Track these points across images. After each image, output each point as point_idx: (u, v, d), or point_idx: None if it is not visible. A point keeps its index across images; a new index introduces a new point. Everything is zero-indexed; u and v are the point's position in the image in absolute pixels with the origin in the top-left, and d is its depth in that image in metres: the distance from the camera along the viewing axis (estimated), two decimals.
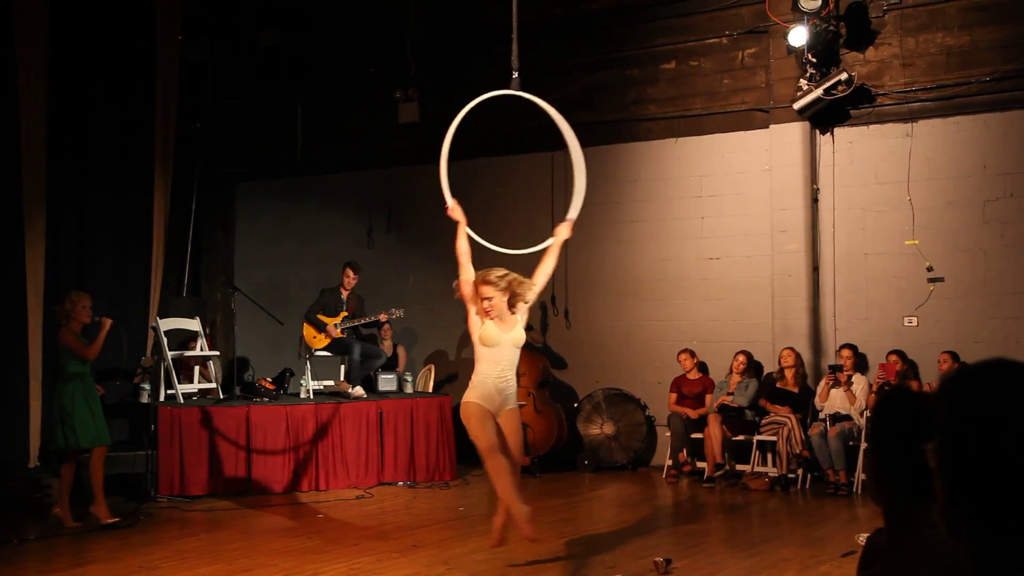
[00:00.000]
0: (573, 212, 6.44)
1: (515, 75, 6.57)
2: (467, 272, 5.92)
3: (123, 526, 7.51)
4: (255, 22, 12.00)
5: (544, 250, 6.34)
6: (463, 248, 5.99)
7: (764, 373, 10.10)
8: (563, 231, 6.33)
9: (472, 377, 5.92)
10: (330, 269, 10.64)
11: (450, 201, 6.13)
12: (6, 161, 9.35)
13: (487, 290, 5.82)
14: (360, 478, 9.42)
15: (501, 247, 6.60)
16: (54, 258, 9.77)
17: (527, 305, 5.97)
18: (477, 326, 5.85)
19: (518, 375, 6.38)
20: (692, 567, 6.13)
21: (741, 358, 9.87)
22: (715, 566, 6.19)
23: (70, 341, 7.52)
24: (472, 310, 5.88)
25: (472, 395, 5.83)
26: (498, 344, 5.82)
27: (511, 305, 5.91)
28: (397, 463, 9.65)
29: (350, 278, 9.97)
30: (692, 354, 10.21)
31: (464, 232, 6.06)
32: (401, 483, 9.59)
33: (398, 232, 12.41)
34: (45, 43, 9.49)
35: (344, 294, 10.00)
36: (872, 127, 9.87)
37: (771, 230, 10.17)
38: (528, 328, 10.52)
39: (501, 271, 5.93)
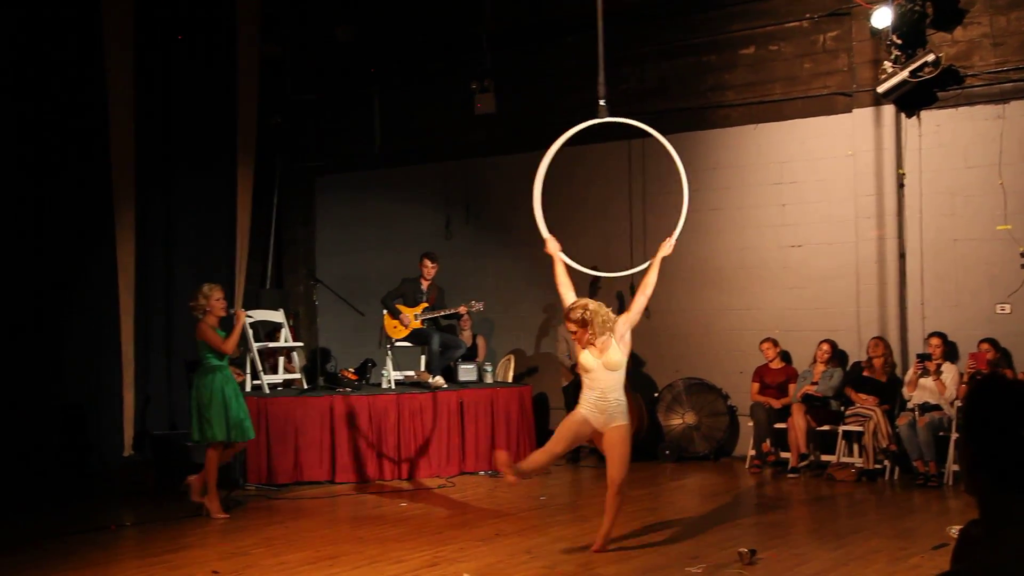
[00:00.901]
0: (676, 231, 6.66)
1: (602, 102, 6.69)
2: (571, 297, 6.33)
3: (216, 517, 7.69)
4: (331, 17, 12.15)
5: (645, 269, 6.57)
6: (562, 279, 6.40)
7: (849, 362, 9.94)
8: (664, 249, 6.56)
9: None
10: (409, 260, 10.72)
11: (546, 235, 6.44)
12: (97, 160, 9.63)
13: (569, 325, 6.24)
14: (442, 467, 9.51)
15: (588, 269, 6.80)
16: (143, 253, 10.03)
17: (622, 331, 6.22)
18: (577, 352, 6.28)
19: None
20: (777, 558, 6.07)
21: (825, 347, 9.74)
22: (800, 557, 6.12)
23: (208, 335, 7.64)
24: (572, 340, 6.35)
25: (578, 406, 6.30)
26: (592, 369, 6.18)
27: (594, 335, 6.18)
28: (478, 452, 9.70)
29: (428, 268, 10.03)
30: (775, 343, 10.10)
31: (561, 264, 6.40)
32: (482, 472, 9.65)
33: (476, 223, 12.45)
34: (130, 42, 9.73)
35: (424, 285, 10.07)
36: (961, 109, 9.62)
37: (855, 216, 10.00)
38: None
39: (579, 308, 6.18)
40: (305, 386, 9.66)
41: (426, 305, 9.99)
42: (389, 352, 10.02)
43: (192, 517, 7.57)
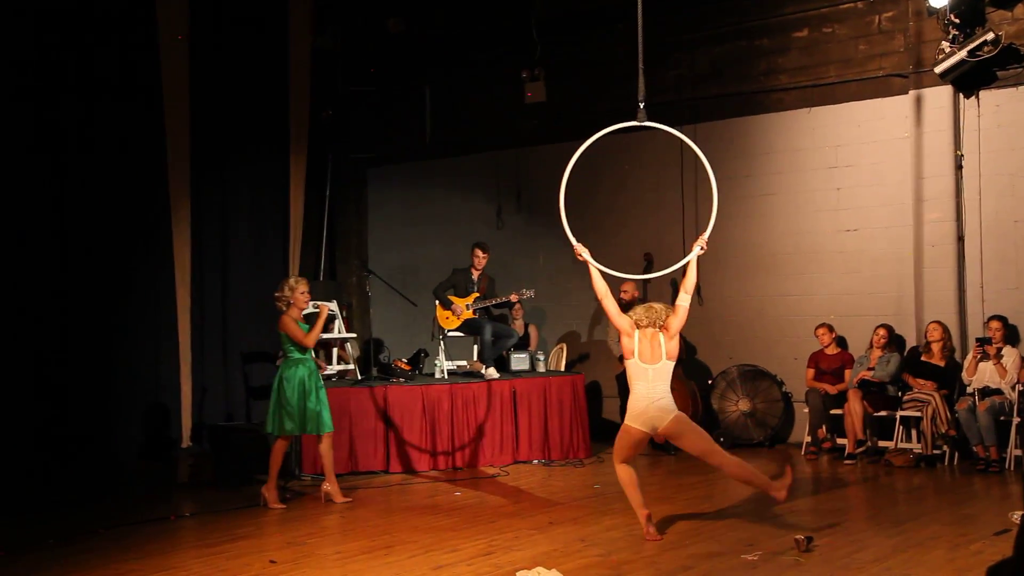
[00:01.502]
0: (708, 230, 6.65)
1: (641, 105, 6.65)
2: (612, 308, 6.38)
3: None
4: (382, 8, 12.19)
5: (683, 268, 6.55)
6: (601, 288, 6.43)
7: (906, 347, 9.80)
8: (697, 246, 6.54)
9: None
10: (461, 250, 10.74)
11: (576, 244, 6.48)
12: (152, 153, 9.75)
13: (637, 314, 6.30)
14: (495, 456, 9.53)
15: (621, 273, 6.87)
16: (199, 246, 10.15)
17: (673, 330, 6.29)
18: (627, 354, 6.28)
19: None
20: (834, 545, 6.01)
21: (882, 332, 9.61)
22: (858, 544, 6.05)
23: (290, 328, 7.70)
24: (624, 338, 6.30)
25: (627, 418, 6.30)
26: (643, 378, 6.22)
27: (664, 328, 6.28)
28: (532, 441, 9.71)
29: (479, 258, 10.03)
30: (830, 329, 10.01)
31: (596, 272, 6.45)
32: (536, 461, 9.66)
33: (528, 212, 12.44)
34: (185, 33, 9.82)
35: (475, 275, 10.07)
36: (1021, 88, 9.41)
37: (912, 199, 9.85)
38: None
39: (645, 313, 6.28)
40: (359, 377, 9.72)
41: (477, 295, 10.00)
42: (441, 342, 10.05)
43: (248, 508, 7.66)
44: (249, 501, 7.86)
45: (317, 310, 8.03)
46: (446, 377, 9.78)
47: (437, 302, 10.04)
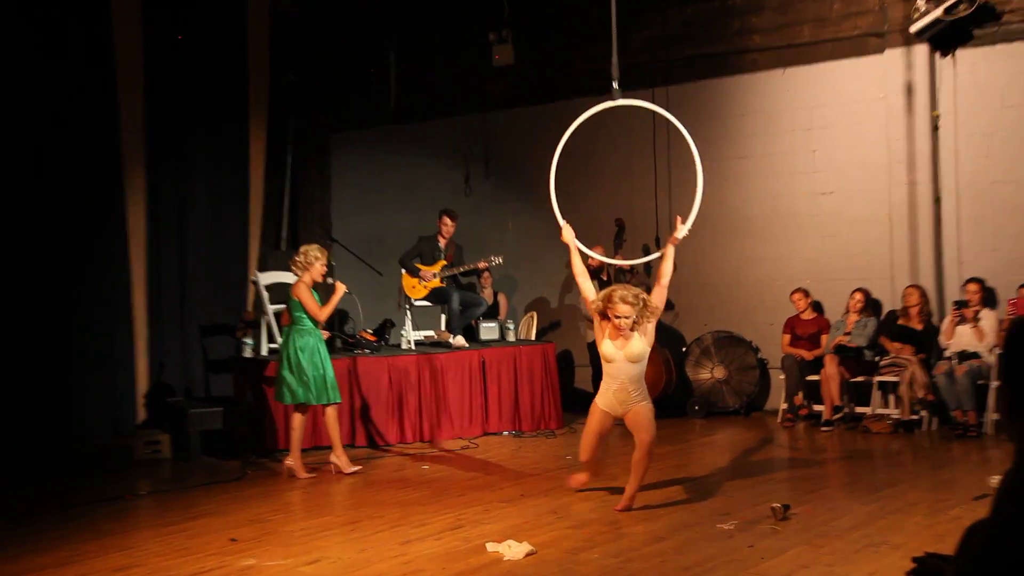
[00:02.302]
0: (688, 223, 6.62)
1: (615, 85, 6.54)
2: (587, 290, 6.37)
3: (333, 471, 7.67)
4: None
5: (659, 259, 6.51)
6: (579, 268, 6.43)
7: (883, 311, 9.80)
8: (676, 235, 6.54)
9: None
10: (428, 218, 10.64)
11: (563, 223, 6.46)
12: (104, 120, 9.53)
13: (624, 309, 6.06)
14: (464, 428, 9.48)
15: (601, 255, 6.80)
16: (154, 215, 9.96)
17: (651, 323, 6.25)
18: (599, 341, 6.24)
19: None
20: (811, 513, 5.99)
21: (858, 296, 9.60)
22: (836, 511, 6.04)
23: (305, 296, 7.67)
24: (597, 324, 6.25)
25: (598, 399, 6.35)
26: (614, 360, 6.19)
27: (638, 323, 6.18)
28: (501, 412, 9.69)
29: (447, 226, 9.95)
30: (806, 293, 10.00)
31: (576, 253, 6.44)
32: (506, 432, 9.64)
33: (496, 178, 12.35)
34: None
35: (442, 243, 10.00)
36: (998, 47, 9.36)
37: (888, 161, 9.82)
38: (631, 271, 10.41)
39: (633, 293, 6.15)
40: None
41: (444, 263, 9.92)
42: (408, 312, 9.95)
43: (208, 485, 7.56)
44: (209, 478, 7.76)
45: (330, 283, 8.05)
46: (413, 348, 9.69)
47: (404, 271, 9.92)
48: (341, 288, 7.90)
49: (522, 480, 7.42)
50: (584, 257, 6.57)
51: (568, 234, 6.51)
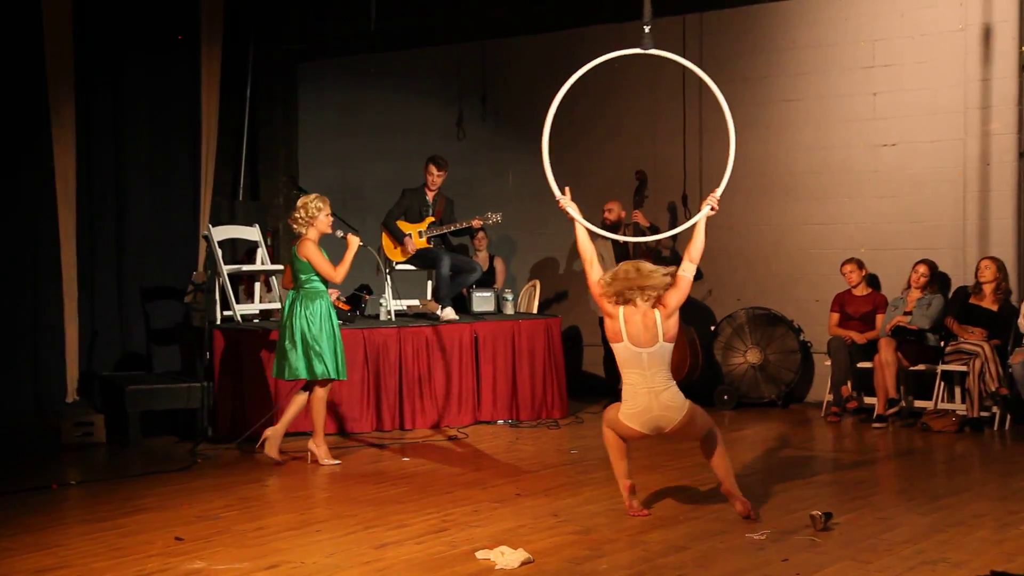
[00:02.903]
0: (720, 187, 6.62)
1: (647, 29, 6.52)
2: (596, 274, 6.19)
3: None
4: None
5: (689, 229, 6.45)
6: (586, 247, 6.27)
7: (951, 288, 9.84)
8: (708, 205, 6.50)
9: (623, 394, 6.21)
10: (412, 167, 10.64)
11: (559, 194, 6.33)
12: (26, 45, 9.49)
13: (645, 294, 6.06)
14: (452, 416, 9.54)
15: (611, 234, 6.62)
16: (87, 161, 9.96)
17: (671, 307, 6.16)
18: (615, 338, 6.12)
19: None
20: (858, 523, 6.04)
21: (922, 269, 9.63)
22: (887, 522, 6.08)
23: (314, 255, 7.77)
24: (608, 318, 6.14)
25: (620, 410, 6.19)
26: (638, 366, 6.09)
27: (658, 299, 6.12)
28: (496, 398, 9.73)
29: (434, 176, 9.96)
30: (860, 265, 10.02)
31: (582, 228, 6.30)
32: (501, 421, 9.70)
33: (494, 120, 12.34)
34: None
35: (429, 196, 10.01)
36: None
37: (965, 107, 9.84)
38: (653, 231, 10.46)
39: (626, 279, 6.08)
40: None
41: (432, 220, 9.93)
42: (388, 277, 9.98)
43: (148, 475, 7.60)
44: (151, 466, 7.80)
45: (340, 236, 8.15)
46: (393, 319, 9.73)
47: (385, 232, 9.96)
48: (355, 241, 8.01)
49: (519, 477, 7.46)
50: (593, 236, 6.46)
51: (571, 208, 6.33)
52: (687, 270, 6.23)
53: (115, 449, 8.58)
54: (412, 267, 10.10)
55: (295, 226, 7.91)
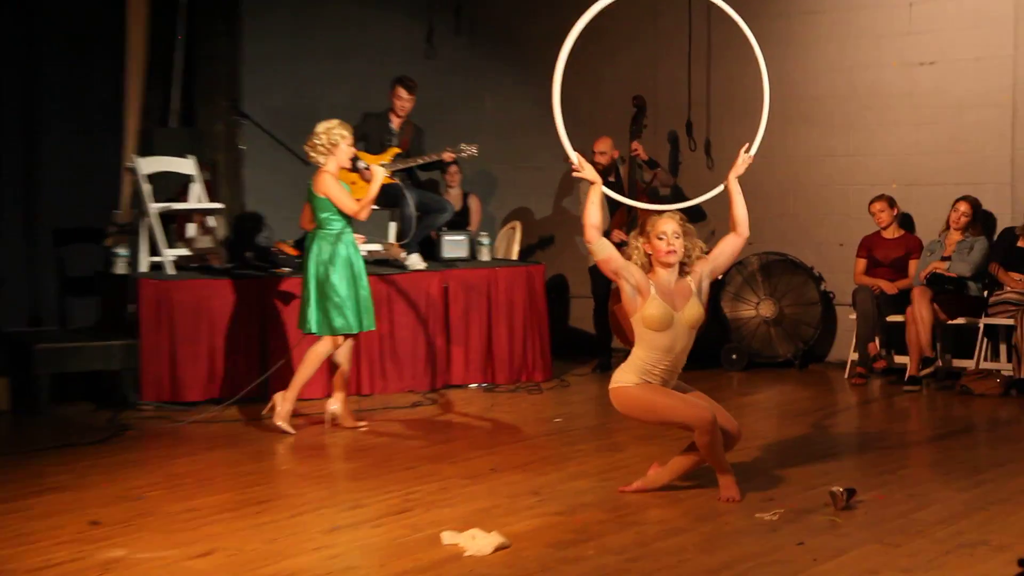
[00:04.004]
0: (753, 149, 6.56)
1: None
2: (603, 249, 6.09)
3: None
4: None
5: (722, 196, 6.48)
6: (594, 219, 6.09)
7: (997, 229, 9.86)
8: (739, 166, 6.47)
9: (630, 359, 6.17)
10: (374, 89, 10.58)
11: (574, 157, 6.20)
12: None
13: (674, 226, 6.07)
14: (417, 378, 9.54)
15: (625, 198, 6.57)
16: None
17: (703, 278, 6.21)
18: (637, 304, 6.07)
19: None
20: (885, 501, 6.04)
21: (963, 207, 9.62)
22: (918, 499, 6.09)
23: (334, 190, 7.86)
24: (626, 285, 6.08)
25: (630, 377, 6.12)
26: (669, 328, 6.05)
27: (682, 267, 6.15)
28: (468, 358, 9.75)
29: (403, 100, 9.93)
30: (891, 203, 10.00)
31: (598, 195, 6.15)
32: (474, 385, 9.73)
33: (471, 36, 12.27)
34: None
35: (395, 123, 9.98)
36: None
37: (1016, 17, 9.82)
38: (652, 165, 10.41)
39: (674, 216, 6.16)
40: (226, 264, 9.63)
41: (398, 151, 9.90)
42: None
43: (60, 448, 7.56)
44: (64, 438, 7.75)
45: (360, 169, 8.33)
46: None
47: None
48: (380, 172, 8.10)
49: (494, 450, 7.47)
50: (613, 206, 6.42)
51: (588, 170, 6.20)
52: (730, 244, 6.43)
53: (21, 418, 8.55)
54: (373, 206, 10.00)
55: (312, 154, 7.99)
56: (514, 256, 10.91)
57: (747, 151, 6.51)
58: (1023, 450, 7.47)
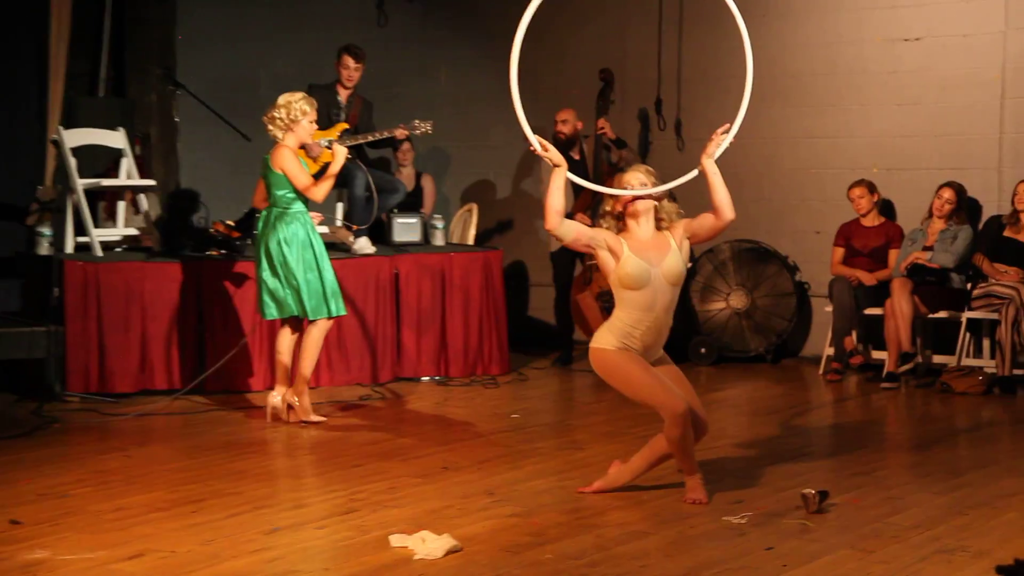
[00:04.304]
0: (731, 133, 6.45)
1: None
2: (569, 231, 6.10)
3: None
4: None
5: (697, 181, 6.37)
6: (557, 204, 6.04)
7: (982, 217, 9.93)
8: (713, 147, 6.35)
9: (610, 320, 6.19)
10: (320, 59, 10.55)
11: (534, 140, 6.11)
12: None
13: (636, 177, 6.14)
14: (365, 371, 9.55)
15: (593, 184, 6.47)
16: None
17: (686, 238, 6.23)
18: (611, 264, 6.09)
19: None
20: (860, 504, 6.10)
21: (947, 194, 9.66)
22: (896, 503, 6.14)
23: (291, 165, 7.88)
24: (601, 253, 6.11)
25: (610, 339, 6.11)
26: (647, 285, 6.05)
27: (658, 220, 6.19)
28: (421, 349, 9.76)
29: (350, 69, 9.90)
30: (870, 188, 10.05)
31: (562, 180, 6.08)
32: (427, 378, 9.74)
33: (425, 3, 12.20)
34: None
35: (342, 96, 9.96)
36: None
37: None
38: (620, 145, 10.42)
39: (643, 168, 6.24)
40: (158, 247, 9.58)
41: (346, 126, 9.88)
42: None
43: None
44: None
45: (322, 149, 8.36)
46: None
47: None
48: (342, 152, 8.12)
49: (446, 447, 7.48)
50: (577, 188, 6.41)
51: (552, 152, 6.12)
52: (707, 219, 6.32)
53: None
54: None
55: (272, 127, 8.00)
56: (470, 241, 10.91)
57: (726, 132, 6.41)
58: (1005, 451, 7.58)
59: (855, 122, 10.54)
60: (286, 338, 8.18)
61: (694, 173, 6.37)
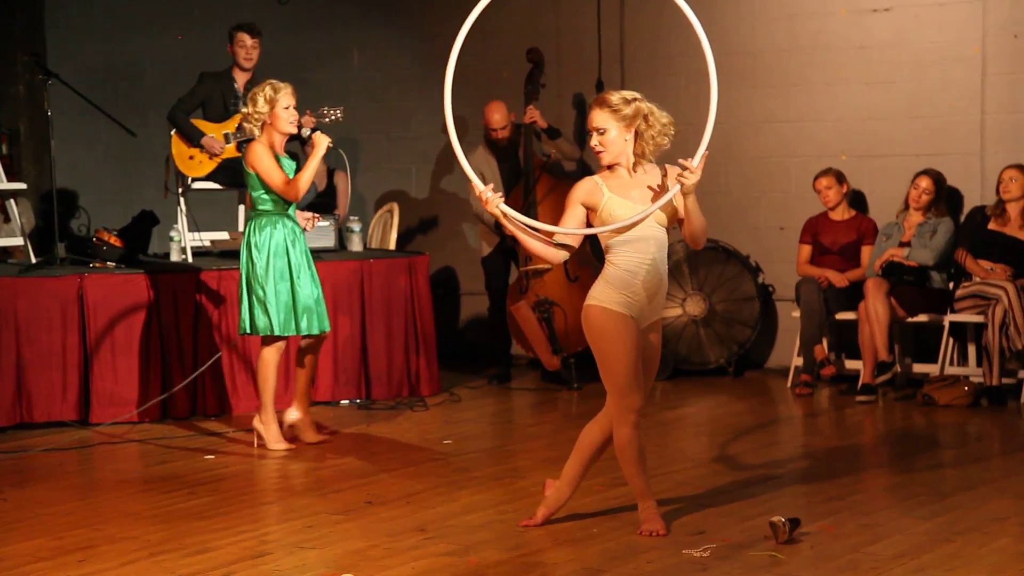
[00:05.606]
0: (697, 157, 6.38)
1: None
2: (566, 244, 6.19)
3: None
4: None
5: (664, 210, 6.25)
6: (540, 248, 6.19)
7: (964, 209, 10.04)
8: (686, 175, 6.20)
9: (604, 270, 6.15)
10: (214, 40, 10.53)
11: (480, 187, 6.07)
12: None
13: (601, 117, 6.15)
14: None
15: (546, 224, 6.39)
16: None
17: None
18: (603, 216, 6.10)
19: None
20: (837, 532, 6.17)
21: (924, 183, 9.75)
22: (873, 531, 6.21)
23: (264, 164, 7.91)
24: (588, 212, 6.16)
25: (612, 295, 6.09)
26: (632, 227, 6.08)
27: (641, 153, 6.25)
28: (338, 369, 9.77)
29: (247, 47, 9.91)
30: (839, 178, 10.12)
31: (519, 230, 6.15)
32: (346, 402, 9.77)
33: None
34: None
35: (240, 82, 9.96)
36: None
37: None
38: (553, 135, 10.46)
39: (628, 94, 6.28)
40: (33, 259, 9.54)
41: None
42: (182, 200, 9.91)
43: None
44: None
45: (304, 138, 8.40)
46: (190, 260, 9.69)
47: (175, 132, 9.86)
48: (323, 142, 8.11)
49: (370, 479, 7.51)
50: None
51: (495, 201, 6.07)
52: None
53: None
54: (216, 185, 10.01)
55: (247, 126, 8.06)
56: (391, 245, 10.92)
57: (688, 162, 6.28)
58: (995, 470, 7.66)
59: (820, 104, 10.60)
60: (271, 357, 8.20)
61: (676, 189, 6.17)
